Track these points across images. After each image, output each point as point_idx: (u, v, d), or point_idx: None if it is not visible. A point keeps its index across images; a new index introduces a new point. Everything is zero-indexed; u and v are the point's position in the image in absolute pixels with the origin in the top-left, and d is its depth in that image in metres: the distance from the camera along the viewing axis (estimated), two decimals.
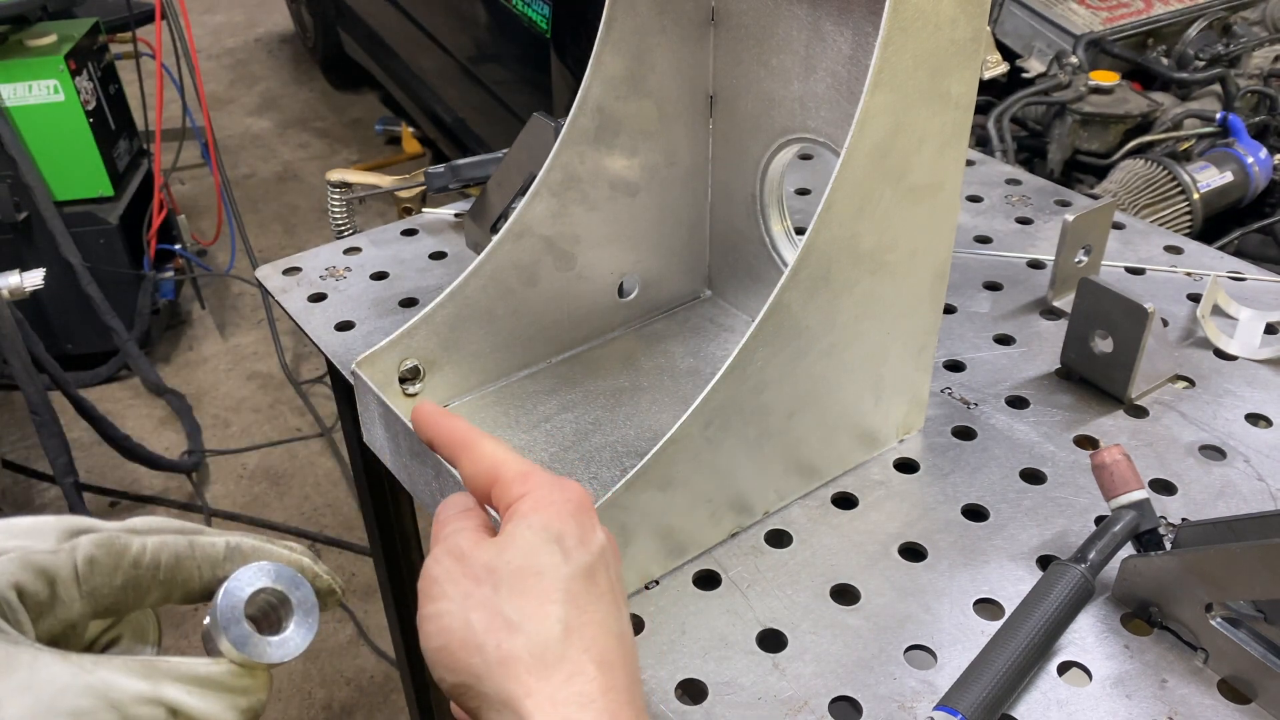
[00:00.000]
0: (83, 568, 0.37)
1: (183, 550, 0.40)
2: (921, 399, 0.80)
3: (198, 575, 0.40)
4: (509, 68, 2.51)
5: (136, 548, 0.39)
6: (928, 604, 0.67)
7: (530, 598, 0.43)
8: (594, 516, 0.48)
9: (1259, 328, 0.91)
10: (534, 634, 0.42)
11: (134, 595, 0.39)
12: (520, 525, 0.46)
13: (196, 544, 0.40)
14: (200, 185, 3.47)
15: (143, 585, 0.39)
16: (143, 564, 0.39)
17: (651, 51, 0.79)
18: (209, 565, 0.41)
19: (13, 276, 1.49)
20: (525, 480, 0.48)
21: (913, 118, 0.64)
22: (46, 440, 1.80)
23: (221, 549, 0.41)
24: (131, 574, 0.38)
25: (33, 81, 2.31)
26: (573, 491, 0.48)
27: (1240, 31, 1.93)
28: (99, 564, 0.38)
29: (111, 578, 0.38)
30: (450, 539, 0.47)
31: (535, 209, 0.80)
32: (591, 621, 0.44)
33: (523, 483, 0.47)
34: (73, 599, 0.37)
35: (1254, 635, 0.60)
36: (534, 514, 0.46)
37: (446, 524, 0.49)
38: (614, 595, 0.46)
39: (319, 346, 0.93)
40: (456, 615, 0.43)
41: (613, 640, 0.44)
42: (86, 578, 0.37)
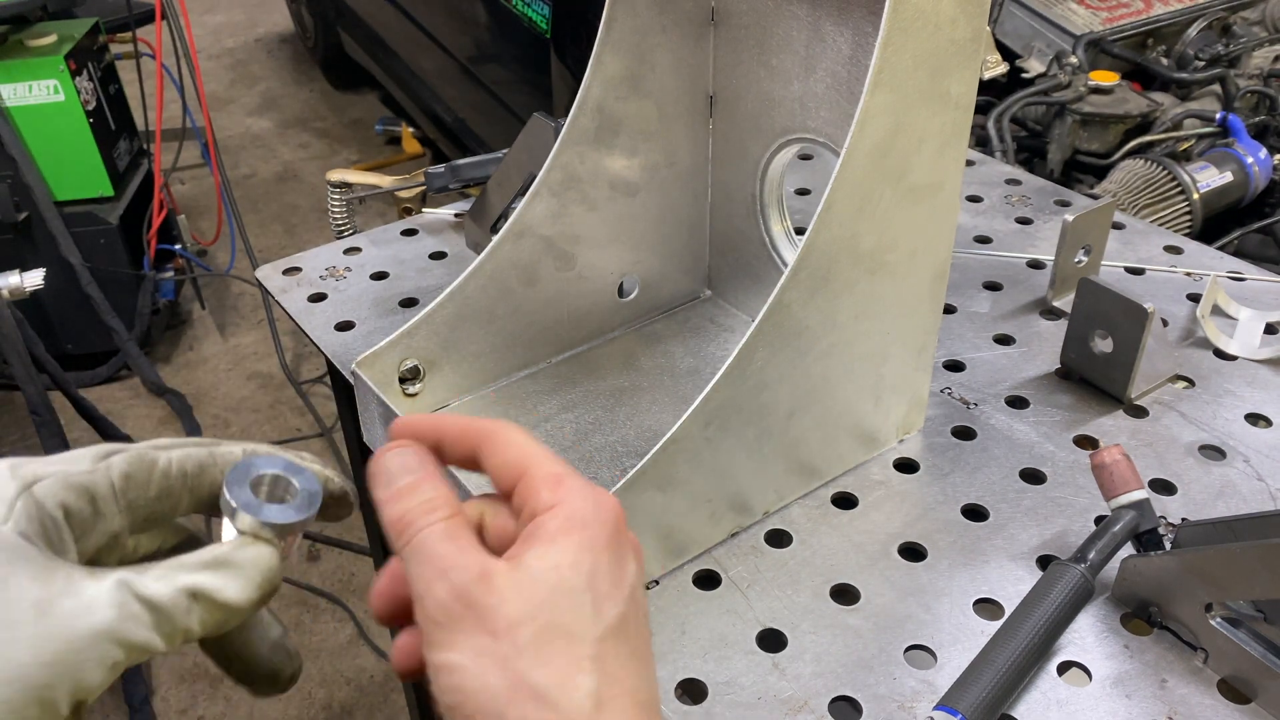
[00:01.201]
0: (119, 483, 0.40)
1: (205, 459, 0.43)
2: (921, 399, 0.80)
3: (221, 479, 0.43)
4: (509, 68, 2.51)
5: (164, 460, 0.42)
6: (927, 604, 0.67)
7: (557, 664, 0.38)
8: (626, 536, 0.42)
9: (1259, 328, 0.91)
10: (561, 708, 0.38)
11: (167, 504, 0.42)
12: (546, 558, 0.39)
13: (216, 452, 0.43)
14: (200, 185, 3.47)
15: (174, 494, 0.42)
16: (171, 474, 0.42)
17: (651, 51, 0.79)
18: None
19: (13, 276, 1.49)
20: (557, 486, 0.41)
21: (913, 118, 0.64)
22: (47, 440, 1.80)
23: (239, 454, 0.44)
24: (162, 484, 0.42)
25: (33, 81, 2.31)
26: (608, 509, 0.41)
27: (1240, 32, 1.93)
28: (133, 478, 0.41)
29: (145, 490, 0.41)
30: (446, 569, 0.39)
31: (535, 209, 0.80)
32: (623, 692, 0.39)
33: (554, 488, 0.41)
34: (113, 513, 0.40)
35: (1254, 635, 0.60)
36: (564, 540, 0.39)
37: (415, 525, 0.40)
38: (644, 648, 0.41)
39: (319, 346, 0.93)
40: (471, 674, 0.38)
41: (644, 714, 0.40)
42: (123, 492, 0.40)
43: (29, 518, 0.38)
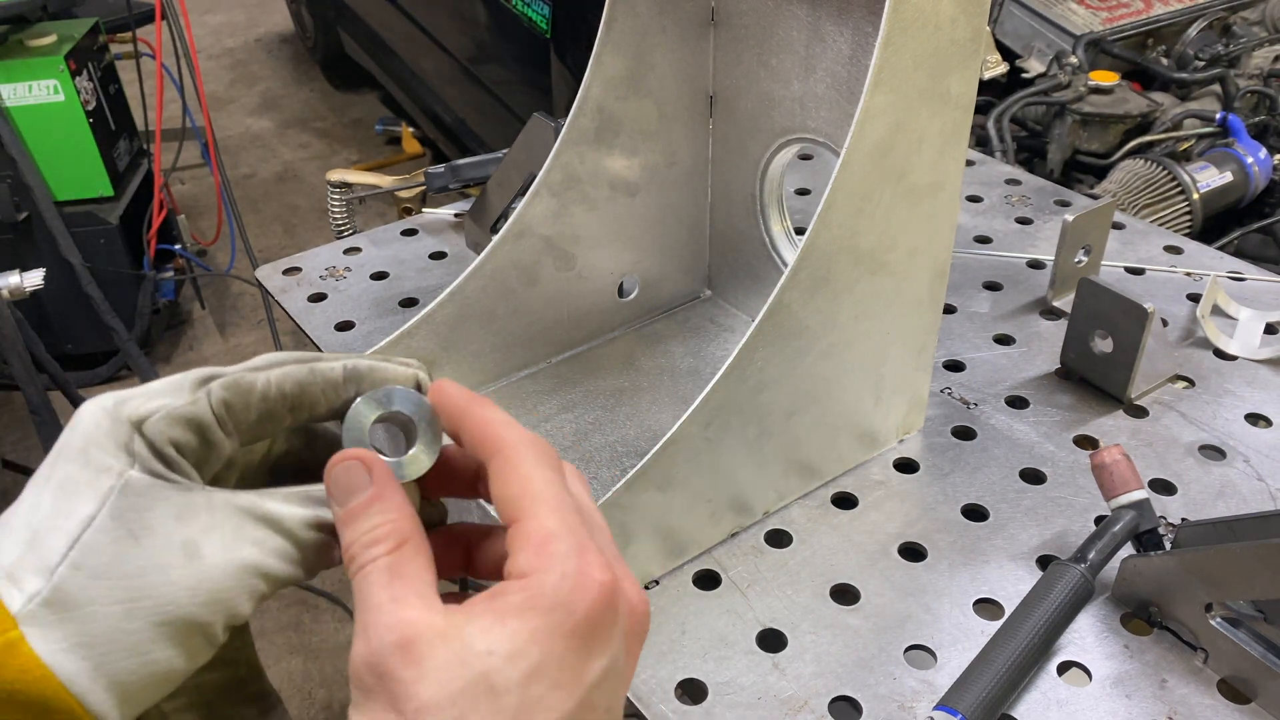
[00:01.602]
0: (220, 411, 0.39)
1: (304, 377, 0.42)
2: (921, 399, 0.80)
3: (322, 399, 0.42)
4: (509, 68, 2.51)
5: (261, 383, 0.41)
6: (927, 604, 0.67)
7: None
8: (604, 626, 0.35)
9: (1259, 328, 0.91)
10: None
11: (270, 425, 0.42)
12: (486, 638, 0.33)
13: (315, 370, 0.42)
14: (200, 185, 3.47)
15: (276, 415, 0.41)
16: (270, 396, 0.41)
17: (651, 51, 0.79)
18: (331, 388, 0.42)
19: (13, 276, 1.49)
20: (540, 550, 0.35)
21: (912, 118, 0.64)
22: (46, 440, 1.80)
23: (339, 372, 0.42)
24: (262, 408, 0.41)
25: (33, 81, 2.31)
26: (588, 592, 0.35)
27: (1240, 32, 1.93)
28: (233, 405, 0.40)
29: (246, 414, 0.40)
30: (367, 626, 0.35)
31: (535, 209, 0.80)
32: None
33: (536, 552, 0.35)
34: (221, 441, 0.40)
35: (1254, 635, 0.60)
36: (515, 622, 0.34)
37: (355, 561, 0.37)
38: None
39: (319, 346, 0.93)
40: None
41: None
42: (226, 420, 0.40)
43: (150, 456, 0.38)
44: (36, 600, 0.36)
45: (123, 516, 0.37)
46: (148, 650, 0.37)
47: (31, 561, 0.36)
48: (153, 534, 0.37)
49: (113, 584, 0.36)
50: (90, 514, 0.37)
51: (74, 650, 0.36)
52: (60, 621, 0.36)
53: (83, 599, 0.36)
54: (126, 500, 0.37)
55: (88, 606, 0.36)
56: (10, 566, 0.36)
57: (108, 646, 0.36)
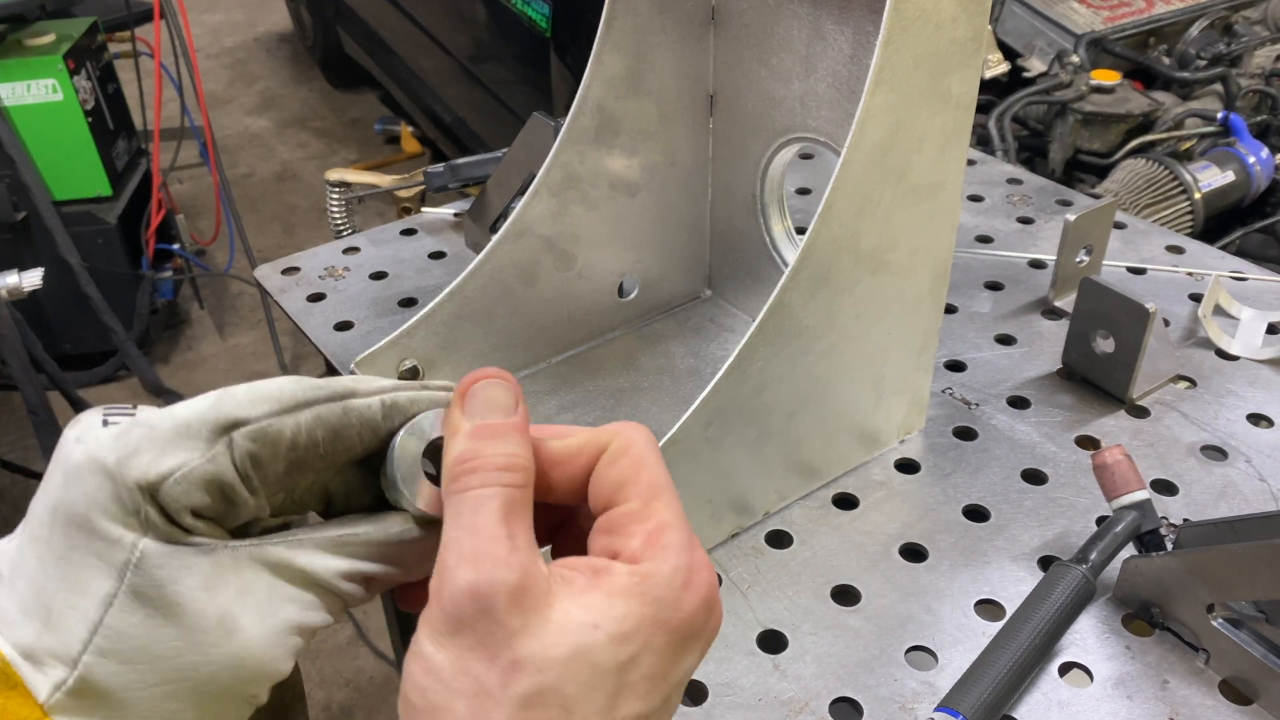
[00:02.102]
0: (245, 468, 0.35)
1: (338, 420, 0.37)
2: (922, 399, 0.80)
3: (359, 441, 0.38)
4: (509, 67, 2.50)
5: (291, 430, 0.36)
6: (929, 605, 0.67)
7: None
8: (702, 626, 0.35)
9: (1260, 327, 0.91)
10: None
11: (300, 475, 0.37)
12: (592, 612, 0.33)
13: (351, 409, 0.37)
14: (199, 185, 3.47)
15: (307, 464, 0.37)
16: (300, 445, 0.36)
17: (651, 51, 0.79)
18: (369, 429, 0.38)
19: (11, 276, 1.49)
20: (655, 539, 0.34)
21: (913, 117, 0.64)
22: (45, 440, 1.80)
23: (378, 409, 0.38)
24: (292, 457, 0.36)
25: (31, 81, 2.31)
26: (696, 590, 0.34)
27: (1242, 31, 1.92)
28: (260, 458, 0.35)
29: (275, 466, 0.36)
30: (482, 556, 0.33)
31: (535, 208, 0.80)
32: None
33: (650, 540, 0.34)
34: (245, 500, 0.35)
35: (1256, 636, 0.60)
36: (623, 605, 0.33)
37: (477, 476, 0.35)
38: None
39: (318, 346, 0.93)
40: (443, 687, 0.32)
41: None
42: (252, 477, 0.35)
43: (164, 523, 0.34)
44: (63, 690, 0.33)
45: (145, 595, 0.33)
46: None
47: (49, 644, 0.33)
48: (184, 612, 0.34)
49: (147, 668, 0.34)
50: (108, 593, 0.33)
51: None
52: (91, 709, 0.33)
53: (114, 686, 0.33)
54: (146, 576, 0.33)
55: (122, 694, 0.33)
56: (29, 646, 0.33)
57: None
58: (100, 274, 2.39)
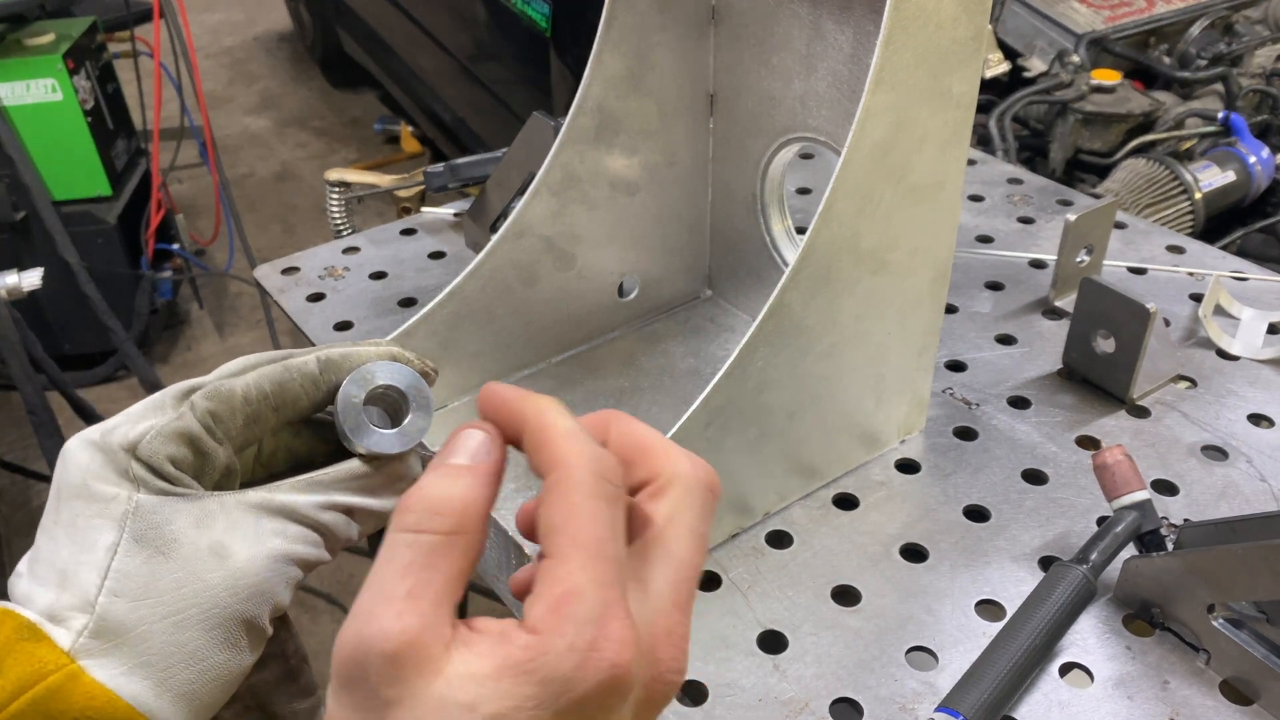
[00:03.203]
0: (206, 420, 0.40)
1: (280, 375, 0.43)
2: (923, 399, 0.80)
3: (302, 394, 0.43)
4: (509, 67, 2.50)
5: (241, 387, 0.41)
6: (929, 605, 0.67)
7: None
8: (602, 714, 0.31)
9: (1261, 327, 0.91)
10: None
11: (257, 427, 0.42)
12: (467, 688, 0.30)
13: (290, 366, 0.43)
14: (198, 185, 3.47)
15: (261, 417, 0.42)
16: (252, 399, 0.42)
17: (652, 50, 0.79)
18: (309, 382, 0.43)
19: (10, 276, 1.48)
20: (557, 609, 0.31)
21: (914, 117, 0.63)
22: (44, 440, 1.80)
23: (314, 365, 0.43)
24: (247, 411, 0.42)
25: (30, 80, 2.30)
26: (585, 682, 0.30)
27: (1242, 30, 1.92)
28: (218, 413, 0.41)
29: (233, 420, 0.41)
30: (369, 615, 0.31)
31: (535, 208, 0.80)
32: None
33: (552, 611, 0.31)
34: (214, 450, 0.41)
35: (1256, 636, 0.60)
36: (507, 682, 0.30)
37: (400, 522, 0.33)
38: None
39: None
40: None
41: None
42: (214, 428, 0.40)
43: (152, 477, 0.39)
44: (85, 633, 0.36)
45: (144, 537, 0.38)
46: (205, 656, 0.38)
47: (68, 600, 0.37)
48: (179, 546, 0.38)
49: (155, 602, 0.37)
50: (113, 542, 0.38)
51: (134, 671, 0.37)
52: (114, 648, 0.37)
53: (130, 623, 0.37)
54: (143, 521, 0.38)
55: (137, 629, 0.37)
56: (49, 608, 0.37)
57: (166, 661, 0.37)
58: (100, 274, 2.39)
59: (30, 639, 0.36)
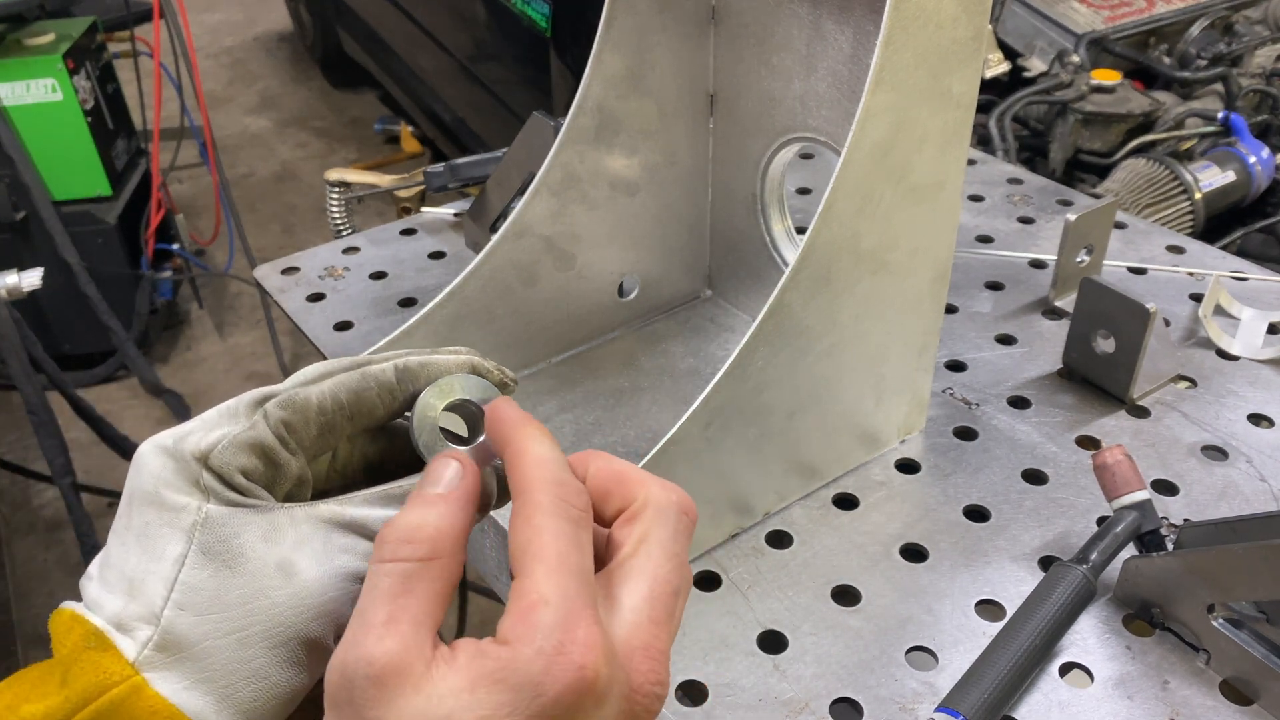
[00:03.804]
0: (280, 431, 0.39)
1: (357, 384, 0.42)
2: (923, 399, 0.80)
3: (379, 403, 0.42)
4: (509, 67, 2.50)
5: (317, 396, 0.41)
6: (929, 605, 0.67)
7: None
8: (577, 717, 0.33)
9: (1261, 327, 0.91)
10: None
11: (331, 437, 0.42)
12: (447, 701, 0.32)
13: (368, 374, 0.42)
14: (198, 185, 3.47)
15: (336, 426, 0.41)
16: (327, 409, 0.41)
17: (652, 50, 0.79)
18: (385, 391, 0.42)
19: (10, 276, 1.48)
20: (525, 618, 0.33)
21: (914, 117, 0.63)
22: (44, 440, 1.80)
23: (391, 373, 0.42)
24: (321, 421, 0.41)
25: (30, 81, 2.30)
26: (555, 684, 0.32)
27: (1242, 30, 1.92)
28: (292, 423, 0.40)
29: (307, 430, 0.40)
30: (355, 641, 0.33)
31: (535, 208, 0.80)
32: None
33: (521, 621, 0.33)
34: (286, 461, 0.40)
35: (1256, 636, 0.60)
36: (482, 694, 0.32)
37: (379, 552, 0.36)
38: None
39: (317, 346, 0.93)
40: None
41: None
42: (288, 439, 0.40)
43: (223, 488, 0.38)
44: (150, 646, 0.36)
45: (212, 550, 0.37)
46: (268, 674, 0.37)
47: (135, 610, 0.37)
48: (246, 561, 0.37)
49: (220, 617, 0.37)
50: (180, 553, 0.37)
51: (196, 686, 0.36)
52: (177, 662, 0.36)
53: (194, 637, 0.36)
54: (211, 533, 0.37)
55: (201, 643, 0.36)
56: (116, 616, 0.37)
57: (229, 678, 0.37)
58: (99, 274, 2.39)
59: (97, 648, 0.36)
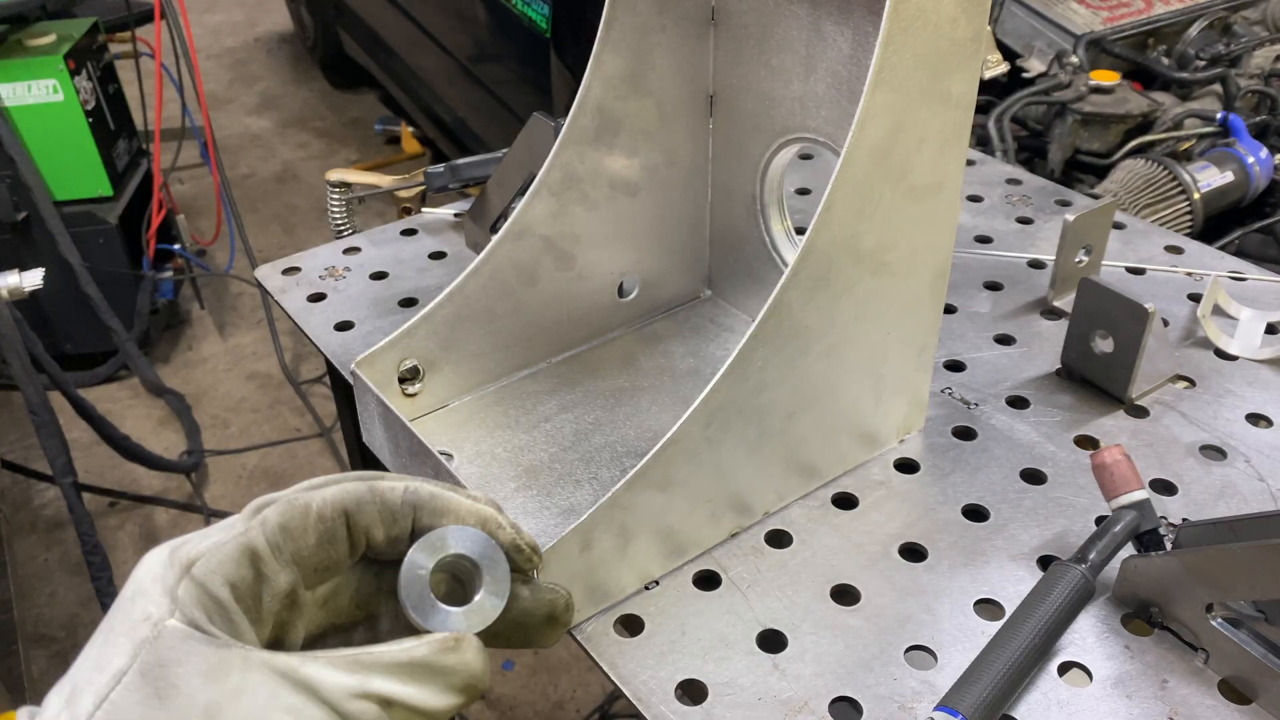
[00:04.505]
0: (276, 536, 0.37)
1: (362, 494, 0.40)
2: (922, 399, 0.80)
3: (379, 522, 0.40)
4: (509, 67, 2.50)
5: (318, 501, 0.39)
6: (928, 604, 0.67)
7: None
8: None
9: (1259, 328, 0.91)
10: None
11: (333, 552, 0.39)
12: None
13: (375, 489, 0.40)
14: (199, 185, 3.47)
15: (336, 537, 0.39)
16: (327, 515, 0.39)
17: (651, 51, 0.79)
18: (388, 513, 0.40)
19: (12, 276, 1.49)
20: None
21: (913, 117, 0.64)
22: (45, 440, 1.80)
23: (399, 494, 0.40)
24: (320, 529, 0.39)
25: (32, 81, 2.31)
26: None
27: (1241, 31, 1.93)
28: (290, 528, 0.38)
29: (305, 537, 0.38)
30: None
31: (535, 209, 0.80)
32: None
33: None
34: (276, 571, 0.37)
35: (1255, 636, 0.60)
36: None
37: None
38: None
39: (318, 346, 0.93)
40: None
41: None
42: (284, 544, 0.38)
43: (194, 603, 0.35)
44: None
45: (150, 673, 0.35)
46: None
47: (65, 718, 0.35)
48: (177, 695, 0.34)
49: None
50: (121, 668, 0.35)
51: None
52: None
53: None
54: (156, 654, 0.35)
55: None
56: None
57: None
58: (101, 274, 2.39)
59: None
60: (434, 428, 0.81)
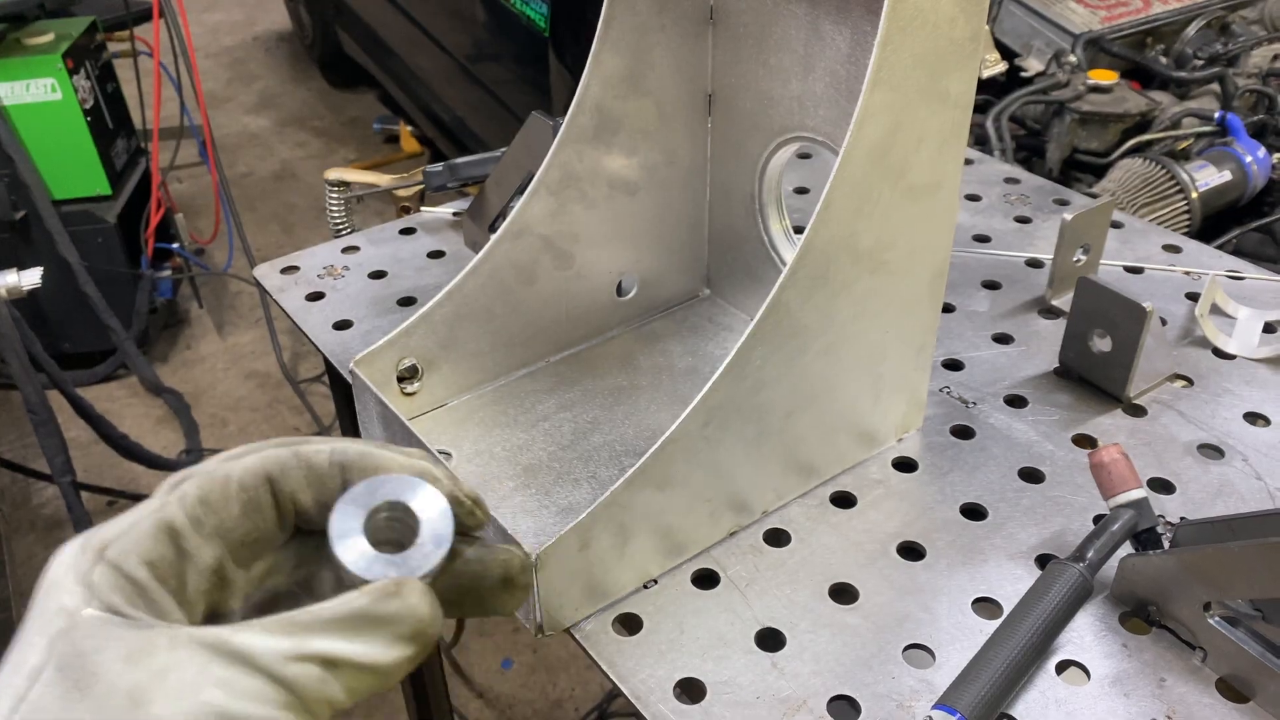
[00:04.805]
0: (196, 509, 0.35)
1: (286, 459, 0.37)
2: (920, 398, 0.80)
3: (306, 487, 0.37)
4: (507, 66, 2.50)
5: (239, 469, 0.36)
6: (926, 603, 0.67)
7: None
8: None
9: (1257, 327, 0.91)
10: None
11: (259, 521, 0.37)
12: None
13: (300, 453, 0.37)
14: (198, 184, 3.47)
15: (261, 505, 0.37)
16: (249, 483, 0.36)
17: (650, 50, 0.79)
18: (315, 476, 0.37)
19: (10, 275, 1.49)
20: None
21: (911, 117, 0.64)
22: (44, 439, 1.80)
23: (326, 455, 0.37)
24: (243, 497, 0.36)
25: (30, 80, 2.30)
26: None
27: (1239, 31, 1.93)
28: (210, 500, 0.35)
29: (227, 508, 0.36)
30: None
31: (533, 208, 0.80)
32: None
33: None
34: (199, 546, 0.35)
35: (1252, 634, 0.60)
36: None
37: None
38: None
39: (317, 345, 0.93)
40: None
41: None
42: (205, 518, 0.35)
43: (111, 588, 0.33)
44: None
45: (68, 666, 0.32)
46: None
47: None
48: (97, 683, 0.32)
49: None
50: (38, 665, 0.32)
51: None
52: None
53: None
54: (72, 645, 0.32)
55: None
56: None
57: None
58: (99, 273, 2.39)
59: None
60: (433, 426, 0.81)
